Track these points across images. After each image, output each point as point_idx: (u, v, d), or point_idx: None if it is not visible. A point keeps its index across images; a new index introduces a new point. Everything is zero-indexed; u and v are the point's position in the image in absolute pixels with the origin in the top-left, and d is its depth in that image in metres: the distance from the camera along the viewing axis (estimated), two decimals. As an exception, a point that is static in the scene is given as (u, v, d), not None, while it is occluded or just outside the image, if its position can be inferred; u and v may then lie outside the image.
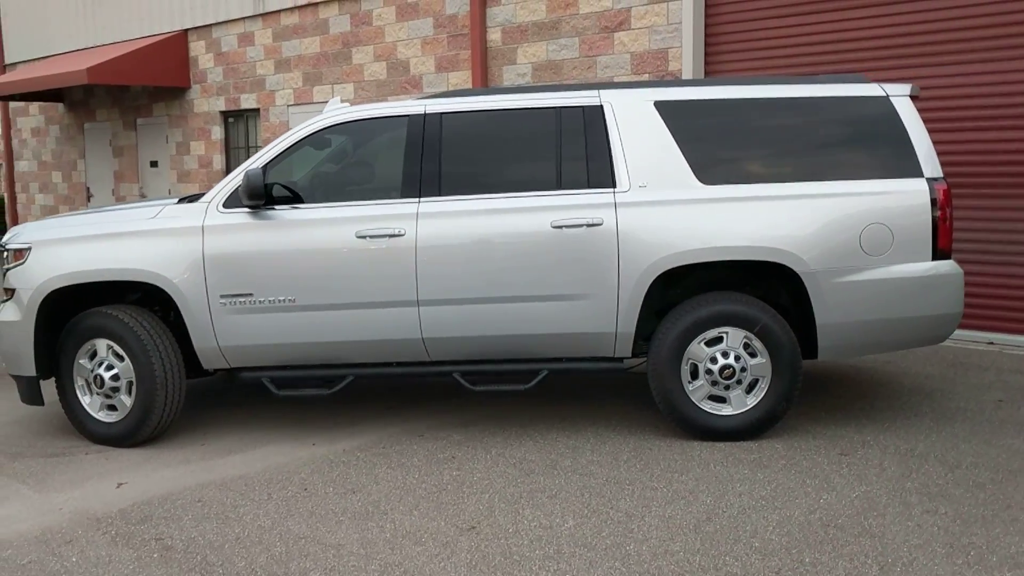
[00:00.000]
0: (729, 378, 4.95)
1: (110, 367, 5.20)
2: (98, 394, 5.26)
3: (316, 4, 11.79)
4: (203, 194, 5.36)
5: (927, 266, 4.89)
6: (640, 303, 4.93)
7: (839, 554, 3.62)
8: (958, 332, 7.35)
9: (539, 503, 4.25)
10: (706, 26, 8.57)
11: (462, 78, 10.28)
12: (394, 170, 5.17)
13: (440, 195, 5.05)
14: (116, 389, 5.21)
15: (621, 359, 5.16)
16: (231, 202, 5.14)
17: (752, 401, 4.99)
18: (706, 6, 8.53)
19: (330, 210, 5.09)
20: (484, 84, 9.97)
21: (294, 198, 5.17)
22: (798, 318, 5.17)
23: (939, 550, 3.63)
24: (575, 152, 5.03)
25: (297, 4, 11.97)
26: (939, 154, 7.36)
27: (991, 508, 4.03)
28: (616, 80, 8.99)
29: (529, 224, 4.95)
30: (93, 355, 5.24)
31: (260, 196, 4.94)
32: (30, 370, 5.27)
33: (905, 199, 4.86)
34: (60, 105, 16.74)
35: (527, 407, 5.83)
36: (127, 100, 15.11)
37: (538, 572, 3.54)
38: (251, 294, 5.08)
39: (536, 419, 5.56)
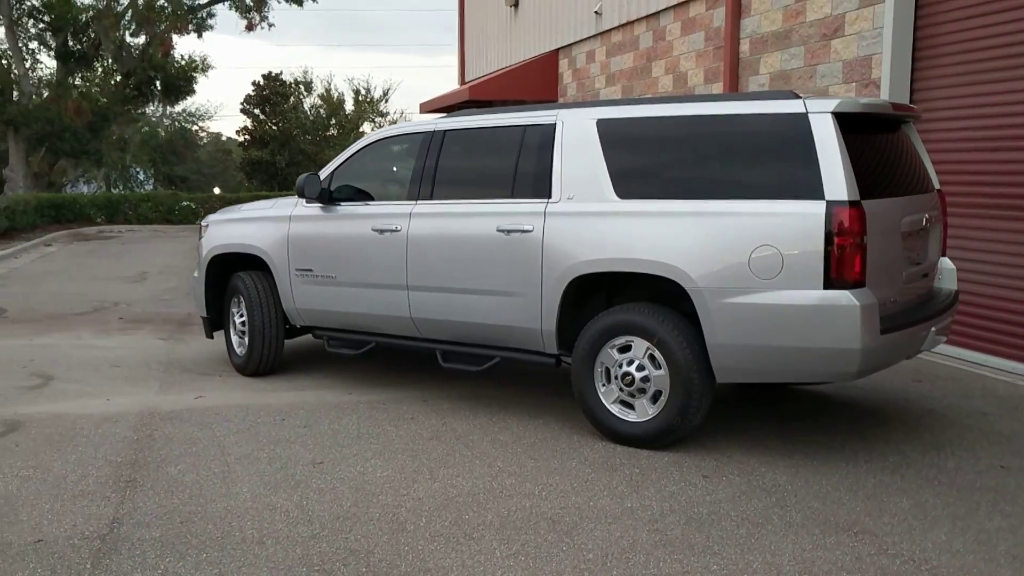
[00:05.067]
0: (630, 385, 5.14)
1: (240, 316, 7.10)
2: (236, 334, 7.19)
3: (632, 23, 12.73)
4: (304, 191, 6.96)
5: (816, 295, 4.54)
6: (557, 304, 5.35)
7: (503, 537, 3.96)
8: None
9: (391, 457, 5.07)
10: (916, 28, 7.81)
11: (721, 88, 10.48)
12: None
13: (430, 199, 6.00)
14: (243, 333, 7.10)
15: (556, 355, 5.58)
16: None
17: (653, 411, 5.10)
18: (917, 6, 7.78)
19: (363, 207, 6.35)
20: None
21: (357, 196, 6.51)
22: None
23: (588, 555, 3.77)
24: (529, 165, 5.60)
25: (621, 23, 13.03)
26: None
27: (707, 533, 3.90)
28: (829, 90, 8.59)
29: (482, 227, 5.67)
30: (238, 306, 7.19)
31: (303, 195, 6.40)
32: (203, 312, 7.41)
33: (796, 222, 4.58)
34: (491, 115, 19.82)
35: (529, 394, 6.38)
36: (524, 111, 17.47)
37: (291, 493, 4.49)
38: (311, 269, 6.56)
39: (522, 404, 6.16)
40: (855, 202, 4.52)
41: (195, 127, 49.09)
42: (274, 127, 45.03)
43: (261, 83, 45.12)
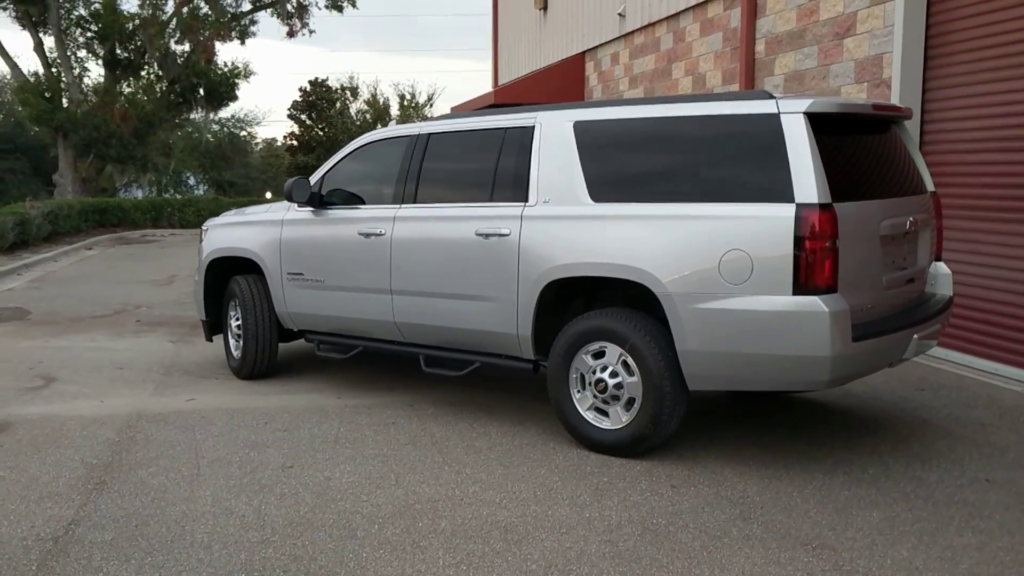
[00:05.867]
0: (603, 392, 5.04)
1: (237, 319, 7.14)
2: (233, 338, 7.24)
3: (654, 24, 12.58)
4: (298, 195, 6.96)
5: (785, 301, 4.40)
6: (533, 309, 5.27)
7: (451, 546, 3.90)
8: None
9: (362, 462, 5.04)
10: (928, 25, 7.57)
11: (737, 90, 10.29)
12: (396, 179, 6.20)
13: (414, 203, 5.96)
14: (239, 336, 7.13)
15: (534, 361, 5.49)
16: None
17: (627, 419, 4.99)
18: (929, 3, 7.54)
19: (351, 211, 6.34)
20: (749, 96, 9.88)
21: (346, 200, 6.49)
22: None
23: (532, 566, 3.69)
24: (508, 168, 5.53)
25: (644, 24, 12.88)
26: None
27: (659, 545, 3.79)
28: (842, 90, 8.37)
29: (460, 231, 5.61)
30: (235, 309, 7.23)
31: (291, 199, 6.41)
32: (202, 314, 7.47)
33: (766, 225, 4.44)
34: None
35: (516, 400, 6.29)
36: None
37: (252, 497, 4.48)
38: (302, 273, 6.57)
39: (506, 410, 6.08)
40: (826, 205, 4.37)
41: (244, 133, 49.87)
42: (320, 132, 45.54)
43: (308, 89, 45.70)
